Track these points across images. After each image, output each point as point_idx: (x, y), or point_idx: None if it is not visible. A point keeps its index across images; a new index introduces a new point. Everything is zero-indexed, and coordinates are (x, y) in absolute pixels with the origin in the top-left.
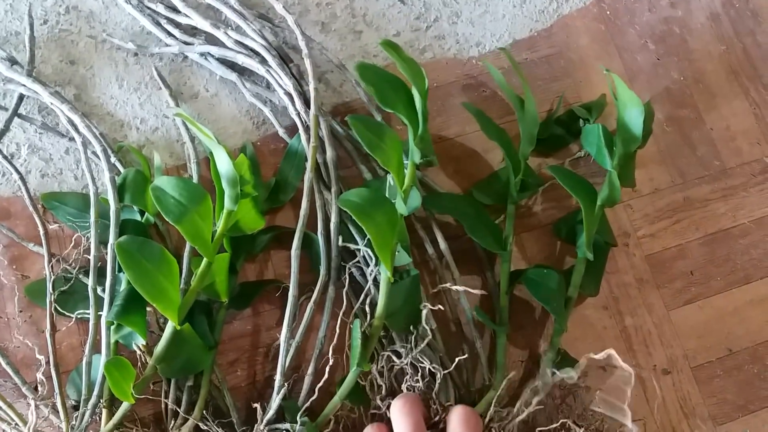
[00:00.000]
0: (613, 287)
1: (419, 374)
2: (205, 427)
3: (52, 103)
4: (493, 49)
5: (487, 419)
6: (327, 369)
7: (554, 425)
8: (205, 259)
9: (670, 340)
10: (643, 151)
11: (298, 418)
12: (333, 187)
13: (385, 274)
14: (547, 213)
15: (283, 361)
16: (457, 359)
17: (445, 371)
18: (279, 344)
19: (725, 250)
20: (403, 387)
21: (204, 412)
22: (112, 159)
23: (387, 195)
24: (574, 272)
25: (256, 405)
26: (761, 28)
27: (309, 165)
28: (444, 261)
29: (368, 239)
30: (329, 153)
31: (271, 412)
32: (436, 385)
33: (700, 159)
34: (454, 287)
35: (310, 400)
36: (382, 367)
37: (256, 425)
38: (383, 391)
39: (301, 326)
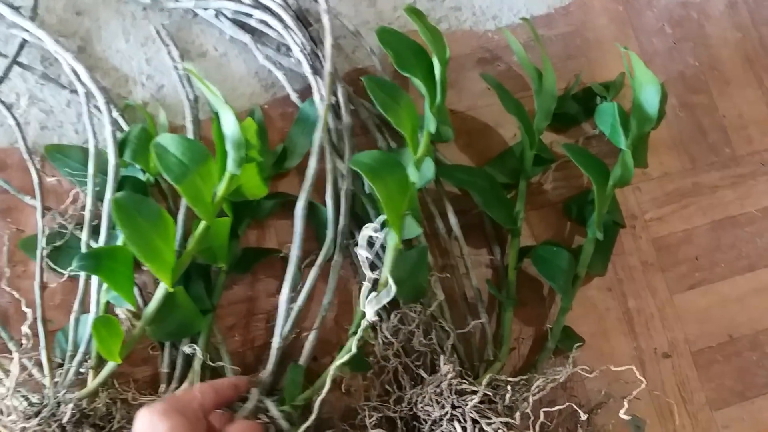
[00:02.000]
0: (618, 269)
1: (428, 338)
2: None
3: (56, 51)
4: (509, 23)
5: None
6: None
7: (559, 407)
8: (203, 222)
9: (671, 324)
10: (654, 135)
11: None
12: (347, 155)
13: (392, 240)
14: (556, 192)
15: (282, 323)
16: (472, 323)
17: (459, 331)
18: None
19: (731, 237)
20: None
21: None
22: (114, 113)
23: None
24: (583, 251)
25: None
26: None
27: (320, 124)
28: (453, 235)
29: (371, 207)
30: (345, 120)
31: (266, 374)
32: (447, 353)
33: (711, 145)
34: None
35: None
36: (395, 326)
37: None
38: (393, 348)
39: (304, 291)
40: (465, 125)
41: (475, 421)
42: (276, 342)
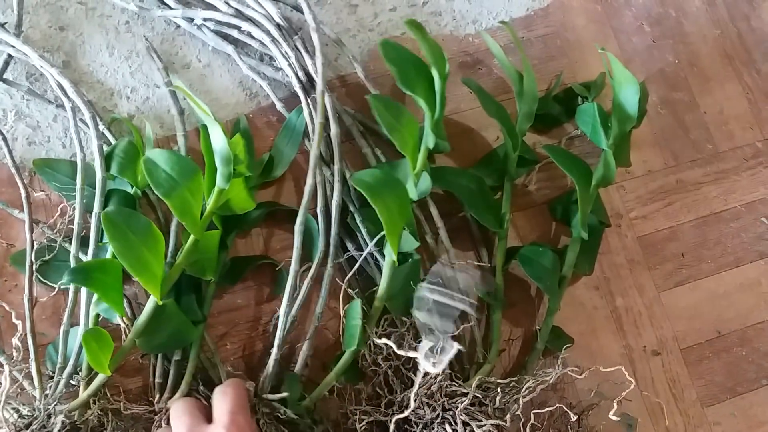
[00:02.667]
0: (605, 268)
1: (418, 341)
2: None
3: (41, 66)
4: (489, 26)
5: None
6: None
7: (550, 408)
8: (192, 236)
9: (660, 321)
10: (636, 133)
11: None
12: (336, 165)
13: (389, 257)
14: (540, 193)
15: (281, 334)
16: (461, 326)
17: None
18: (270, 320)
19: (716, 233)
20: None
21: (195, 384)
22: (101, 127)
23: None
24: (569, 251)
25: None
26: (756, 12)
27: (315, 141)
28: (439, 238)
29: (362, 220)
30: (333, 129)
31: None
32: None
33: (693, 142)
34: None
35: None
36: (384, 330)
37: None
38: (383, 352)
39: (298, 301)
40: (448, 129)
41: (465, 424)
42: (275, 353)
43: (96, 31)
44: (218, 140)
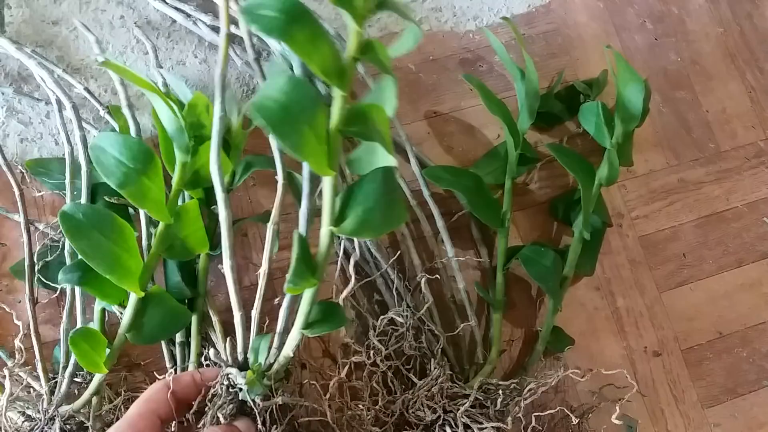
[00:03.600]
0: (606, 268)
1: (418, 341)
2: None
3: (17, 58)
4: (490, 23)
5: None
6: None
7: (551, 411)
8: (161, 223)
9: (661, 322)
10: (638, 132)
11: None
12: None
13: (329, 179)
14: (541, 192)
15: (234, 288)
16: (461, 326)
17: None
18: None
19: (718, 233)
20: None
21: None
22: (103, 113)
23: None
24: (570, 251)
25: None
26: (759, 11)
27: (220, 54)
28: (439, 237)
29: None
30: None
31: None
32: (437, 356)
33: (696, 141)
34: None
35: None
36: (385, 330)
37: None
38: (382, 354)
39: (266, 250)
40: (449, 127)
41: (466, 426)
42: (237, 314)
43: (90, 26)
44: (163, 112)
